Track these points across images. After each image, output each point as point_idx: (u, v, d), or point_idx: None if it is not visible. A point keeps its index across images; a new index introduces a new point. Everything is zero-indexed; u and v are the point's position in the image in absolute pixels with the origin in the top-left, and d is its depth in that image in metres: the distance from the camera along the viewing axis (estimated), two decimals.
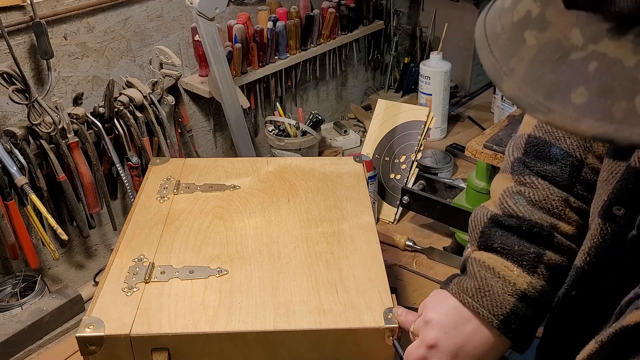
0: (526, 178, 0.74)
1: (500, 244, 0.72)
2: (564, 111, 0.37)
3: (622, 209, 0.60)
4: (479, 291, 0.71)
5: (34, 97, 1.13)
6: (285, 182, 1.12)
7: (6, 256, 1.23)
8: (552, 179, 0.73)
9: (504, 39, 0.41)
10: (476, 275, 0.72)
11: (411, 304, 1.21)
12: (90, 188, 1.28)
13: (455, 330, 0.72)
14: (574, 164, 0.71)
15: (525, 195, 0.73)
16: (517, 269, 0.71)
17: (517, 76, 0.40)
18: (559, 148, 0.72)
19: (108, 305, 0.83)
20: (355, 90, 2.09)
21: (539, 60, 0.39)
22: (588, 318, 0.66)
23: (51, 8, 1.19)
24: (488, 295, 0.70)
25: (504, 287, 0.70)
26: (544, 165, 0.73)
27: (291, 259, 0.92)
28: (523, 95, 0.39)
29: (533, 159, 0.74)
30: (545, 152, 0.73)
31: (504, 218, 0.73)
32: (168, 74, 1.37)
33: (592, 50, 0.36)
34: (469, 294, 0.72)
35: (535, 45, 0.39)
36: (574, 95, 0.37)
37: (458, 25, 1.97)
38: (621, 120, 0.35)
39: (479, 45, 0.44)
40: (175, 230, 0.98)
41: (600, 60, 0.35)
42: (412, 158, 1.47)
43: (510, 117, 1.41)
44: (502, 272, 0.71)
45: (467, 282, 0.73)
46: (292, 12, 1.62)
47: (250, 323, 0.80)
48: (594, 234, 0.63)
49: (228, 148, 1.69)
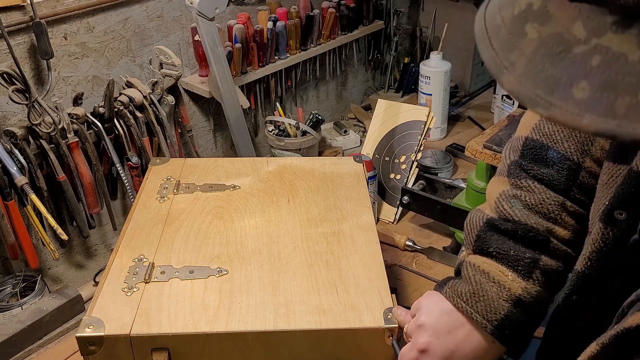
0: (522, 181, 0.73)
1: (495, 249, 0.71)
2: (566, 106, 0.36)
3: (624, 213, 0.59)
4: (474, 296, 0.70)
5: (34, 97, 1.13)
6: (285, 182, 1.12)
7: (6, 256, 1.23)
8: (548, 183, 0.72)
9: (505, 32, 0.41)
10: (471, 280, 0.71)
11: (411, 304, 1.20)
12: (90, 188, 1.28)
13: (447, 335, 0.71)
14: (571, 167, 0.71)
15: (521, 199, 0.72)
16: (512, 274, 0.70)
17: (517, 70, 0.39)
18: (556, 151, 0.71)
19: (108, 305, 0.83)
20: (355, 90, 2.09)
21: (540, 54, 0.38)
22: (589, 321, 0.66)
23: (51, 8, 1.19)
24: (482, 300, 0.70)
25: (499, 292, 0.69)
26: (541, 169, 0.72)
27: (291, 259, 0.92)
28: (523, 89, 0.39)
29: (530, 162, 0.73)
30: (542, 155, 0.72)
31: (499, 222, 0.72)
32: (168, 74, 1.37)
33: (595, 44, 0.35)
34: (463, 298, 0.71)
35: (536, 38, 0.38)
36: (575, 90, 0.36)
37: (458, 25, 1.97)
38: (624, 115, 0.34)
39: (478, 38, 0.43)
40: (175, 230, 0.98)
41: (604, 54, 0.35)
42: (412, 158, 1.47)
43: (510, 117, 1.41)
44: (497, 277, 0.70)
45: (462, 286, 0.72)
46: (292, 12, 1.62)
47: (250, 323, 0.80)
48: (595, 238, 0.63)
49: (228, 148, 1.69)
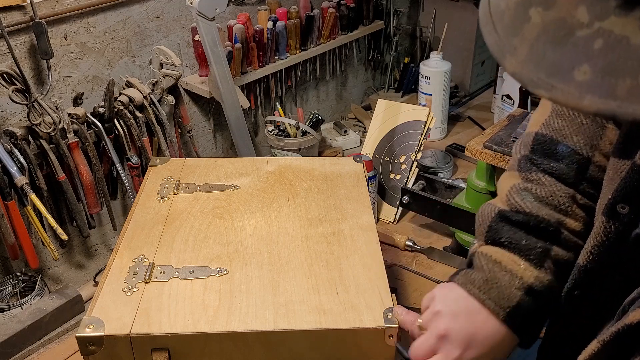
0: (533, 175, 0.74)
1: (507, 239, 0.72)
2: (567, 88, 0.37)
3: (627, 207, 0.60)
4: (487, 283, 0.71)
5: (34, 97, 1.13)
6: (285, 182, 1.12)
7: (6, 256, 1.23)
8: (558, 176, 0.73)
9: (508, 16, 0.41)
10: (483, 268, 0.72)
11: (411, 304, 1.21)
12: (90, 188, 1.28)
13: (466, 319, 0.71)
14: (581, 161, 0.71)
15: (532, 191, 0.73)
16: (524, 262, 0.70)
17: (520, 54, 0.40)
18: (565, 146, 0.72)
19: (108, 305, 0.83)
20: (355, 90, 2.09)
21: (543, 38, 0.39)
22: (590, 318, 0.66)
23: (51, 8, 1.19)
24: (495, 288, 0.70)
25: (511, 281, 0.70)
26: (551, 163, 0.73)
27: (291, 259, 0.92)
28: (525, 72, 0.39)
29: (540, 156, 0.74)
30: (552, 150, 0.73)
31: (511, 214, 0.73)
32: (168, 74, 1.37)
33: (597, 28, 0.36)
34: (476, 285, 0.72)
35: (540, 23, 0.39)
36: (577, 72, 0.36)
37: (458, 25, 1.97)
38: (625, 97, 0.35)
39: (482, 22, 0.43)
40: (175, 230, 0.98)
41: (606, 38, 0.35)
42: (412, 158, 1.47)
43: (510, 117, 1.41)
44: (509, 266, 0.71)
45: (474, 275, 0.73)
46: (292, 12, 1.62)
47: (250, 323, 0.80)
48: (597, 232, 0.63)
49: (228, 148, 1.69)
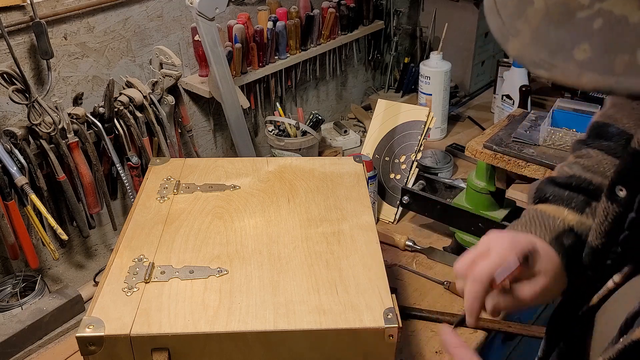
0: (583, 151, 0.79)
1: (551, 193, 0.77)
2: (566, 66, 0.38)
3: (624, 189, 0.61)
4: (530, 221, 0.75)
5: (34, 97, 1.13)
6: (285, 182, 1.12)
7: (6, 256, 1.23)
8: (607, 151, 0.77)
9: (512, 2, 0.42)
10: (527, 216, 0.77)
11: (411, 304, 1.21)
12: (90, 188, 1.28)
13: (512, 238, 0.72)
14: (629, 139, 0.73)
15: (580, 163, 0.78)
16: (567, 210, 0.75)
17: (523, 37, 0.41)
18: (615, 127, 0.77)
19: (108, 305, 0.83)
20: (355, 90, 2.09)
21: (546, 21, 0.40)
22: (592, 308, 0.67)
23: (51, 8, 1.19)
24: (538, 225, 0.74)
25: (554, 221, 0.74)
26: (601, 141, 0.78)
27: (291, 259, 0.92)
28: (527, 54, 0.41)
29: (592, 138, 0.80)
30: (604, 132, 0.78)
31: (557, 178, 0.79)
32: (168, 74, 1.37)
33: (598, 8, 0.37)
34: (519, 227, 0.76)
35: (542, 7, 0.40)
36: (577, 51, 0.38)
37: (458, 25, 1.97)
38: (622, 72, 0.36)
39: (487, 10, 0.45)
40: (175, 230, 0.98)
41: (606, 17, 0.36)
42: (412, 158, 1.47)
43: (510, 117, 1.41)
44: (552, 213, 0.75)
45: (518, 222, 0.78)
46: (292, 12, 1.62)
47: (250, 323, 0.80)
48: (600, 212, 0.65)
49: (228, 148, 1.69)
